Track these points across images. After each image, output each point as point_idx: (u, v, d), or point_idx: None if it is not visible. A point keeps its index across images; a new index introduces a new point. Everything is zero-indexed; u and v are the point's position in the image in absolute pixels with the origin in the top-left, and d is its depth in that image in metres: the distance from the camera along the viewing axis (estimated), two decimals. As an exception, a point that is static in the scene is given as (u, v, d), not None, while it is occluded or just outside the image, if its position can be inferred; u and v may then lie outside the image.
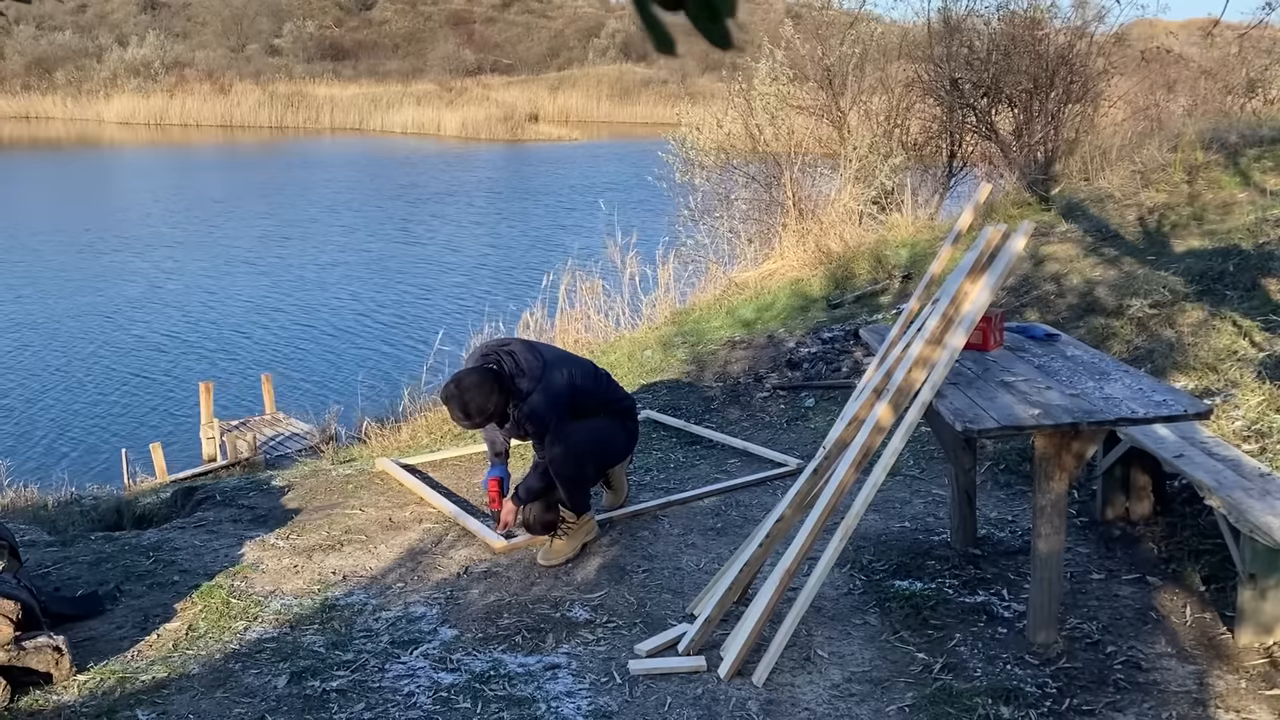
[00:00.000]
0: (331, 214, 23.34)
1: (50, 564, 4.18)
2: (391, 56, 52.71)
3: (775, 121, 10.96)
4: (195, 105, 41.84)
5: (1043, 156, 9.48)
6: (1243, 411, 4.55)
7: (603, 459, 4.27)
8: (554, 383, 3.98)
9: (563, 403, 3.98)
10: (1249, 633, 3.23)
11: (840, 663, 3.26)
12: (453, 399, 3.92)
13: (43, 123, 42.82)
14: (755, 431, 5.76)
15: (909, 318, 3.64)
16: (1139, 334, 5.75)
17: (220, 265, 18.44)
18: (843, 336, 6.92)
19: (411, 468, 5.24)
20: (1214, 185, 7.84)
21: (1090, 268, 6.91)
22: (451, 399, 3.92)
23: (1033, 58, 9.71)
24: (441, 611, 3.72)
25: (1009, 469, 4.75)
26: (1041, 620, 3.27)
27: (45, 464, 10.06)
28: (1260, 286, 5.91)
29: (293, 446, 9.70)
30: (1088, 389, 3.18)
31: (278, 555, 4.24)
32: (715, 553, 4.10)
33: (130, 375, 13.00)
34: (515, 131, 38.33)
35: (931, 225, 9.63)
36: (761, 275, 9.48)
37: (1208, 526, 3.86)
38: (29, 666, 3.19)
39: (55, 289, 16.84)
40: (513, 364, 3.98)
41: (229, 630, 3.62)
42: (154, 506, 5.28)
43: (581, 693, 3.17)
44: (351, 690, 3.21)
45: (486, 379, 3.92)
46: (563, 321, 9.46)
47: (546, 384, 3.95)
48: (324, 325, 15.01)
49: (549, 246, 18.95)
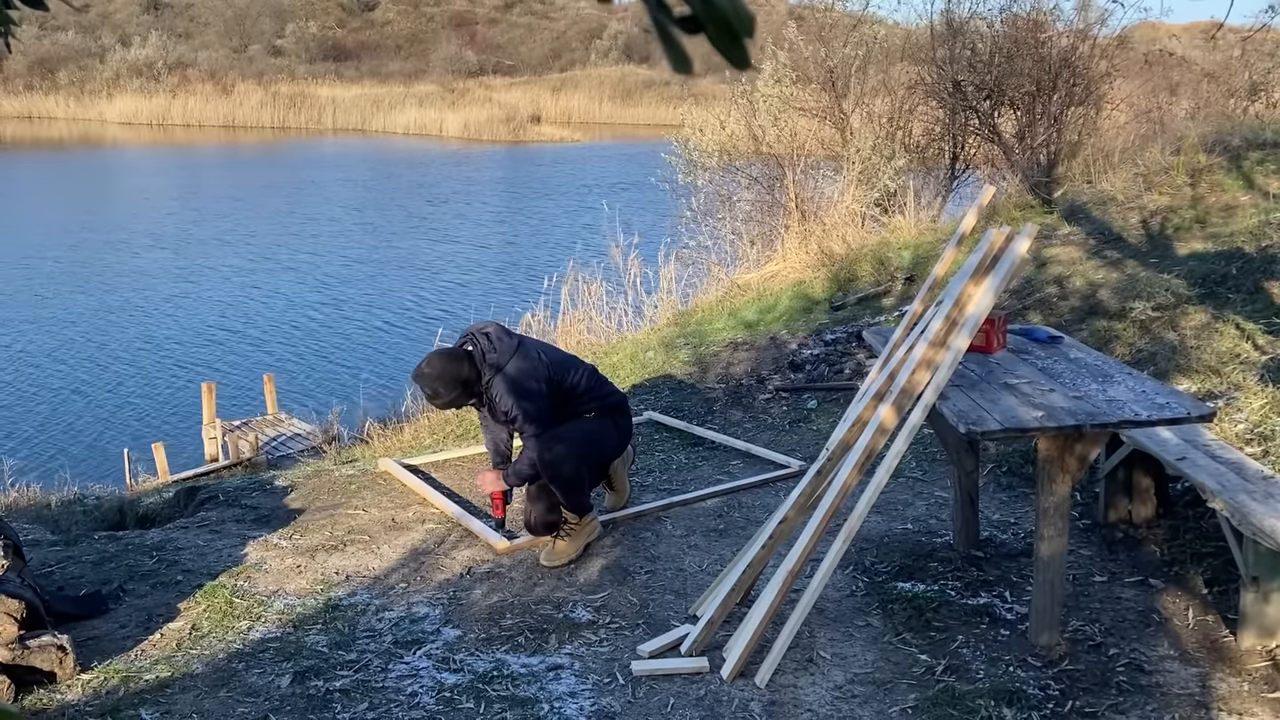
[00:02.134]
0: (333, 215, 23.35)
1: (54, 563, 4.19)
2: (394, 57, 52.77)
3: (778, 123, 10.96)
4: (198, 105, 41.89)
5: (1045, 159, 9.47)
6: (1245, 414, 4.55)
7: (596, 458, 4.22)
8: (524, 361, 3.96)
9: (534, 384, 3.95)
10: (1251, 635, 3.23)
11: (843, 664, 3.26)
12: (422, 378, 3.96)
13: (45, 123, 42.87)
14: (758, 433, 5.77)
15: (912, 320, 3.64)
16: (1142, 337, 5.75)
17: (221, 266, 18.45)
18: (845, 338, 6.92)
19: (414, 468, 5.25)
20: (1217, 188, 7.83)
21: (1093, 270, 6.91)
22: (421, 378, 3.96)
23: (1035, 60, 9.71)
24: (444, 612, 3.72)
25: (1011, 471, 4.76)
26: (1044, 622, 3.27)
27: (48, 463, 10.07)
28: (1263, 290, 5.91)
29: (295, 447, 9.71)
30: (1091, 391, 3.18)
31: (281, 555, 4.25)
32: (718, 554, 4.11)
33: (132, 375, 13.01)
34: (517, 133, 38.35)
35: (934, 227, 9.63)
36: (764, 277, 9.48)
37: (1210, 529, 3.86)
38: (33, 665, 3.20)
39: (56, 288, 16.86)
40: (486, 344, 3.99)
41: (232, 630, 3.62)
42: (157, 506, 5.29)
43: (584, 693, 3.17)
44: (355, 690, 3.22)
45: (456, 358, 3.95)
46: (565, 323, 9.47)
47: (516, 362, 3.95)
48: (326, 326, 15.02)
49: (551, 247, 18.97)
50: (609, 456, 4.34)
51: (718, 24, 0.84)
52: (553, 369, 4.05)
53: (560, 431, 4.01)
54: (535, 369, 3.97)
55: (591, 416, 4.17)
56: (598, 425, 4.17)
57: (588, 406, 4.16)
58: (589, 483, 4.21)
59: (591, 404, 4.17)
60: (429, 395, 4.00)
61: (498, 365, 3.94)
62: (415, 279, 17.63)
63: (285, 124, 41.54)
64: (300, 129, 41.01)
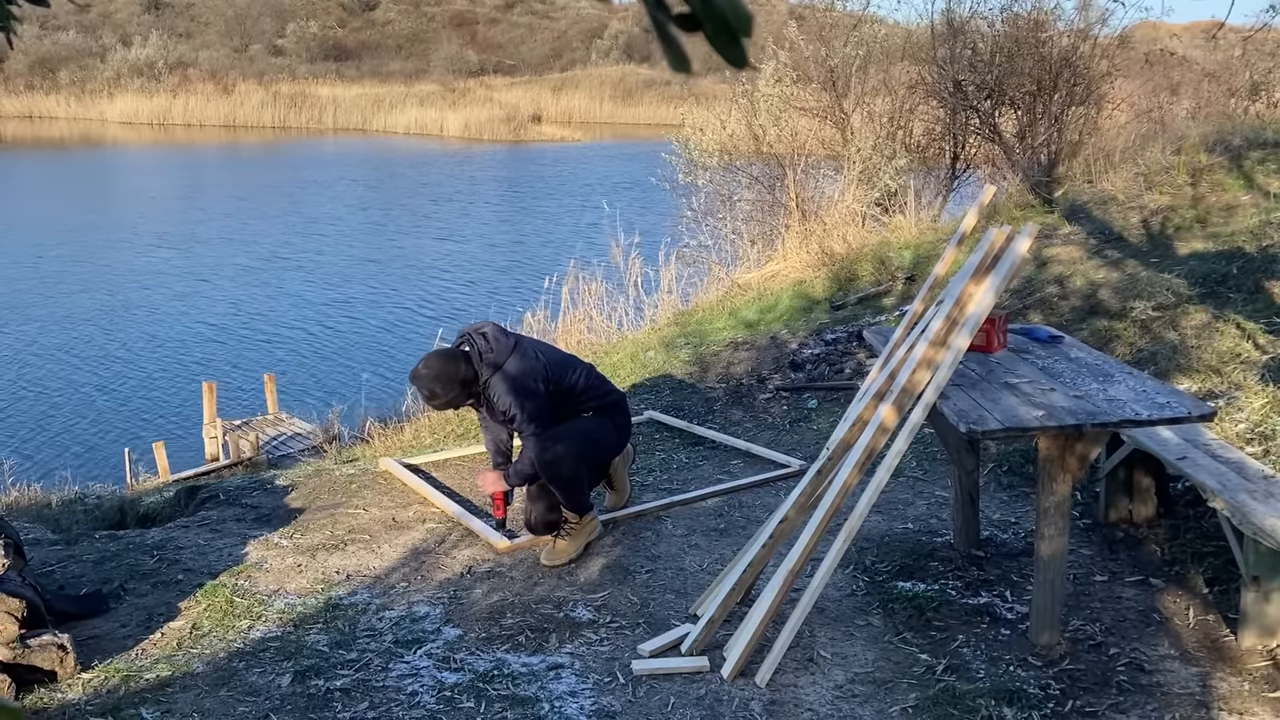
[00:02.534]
0: (334, 215, 23.35)
1: (54, 562, 4.19)
2: (394, 57, 52.78)
3: (779, 123, 10.96)
4: (198, 105, 41.91)
5: (1046, 159, 9.47)
6: (1246, 414, 4.55)
7: (596, 458, 4.22)
8: (522, 360, 3.96)
9: (532, 383, 3.94)
10: (1252, 635, 3.23)
11: (843, 664, 3.26)
12: (420, 379, 3.95)
13: (46, 122, 42.90)
14: (758, 432, 5.77)
15: (913, 319, 3.64)
16: (1142, 336, 5.75)
17: (221, 266, 18.46)
18: (846, 338, 6.92)
19: (415, 467, 5.25)
20: (1217, 188, 7.83)
21: (1094, 270, 6.91)
22: (419, 380, 3.96)
23: (1036, 60, 9.71)
24: (445, 611, 3.72)
25: (1012, 470, 4.76)
26: (1044, 622, 3.27)
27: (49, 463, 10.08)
28: (1264, 289, 5.90)
29: (295, 446, 9.71)
30: (1091, 391, 3.18)
31: (281, 554, 4.25)
32: (718, 553, 4.11)
33: (133, 375, 13.02)
34: (518, 132, 38.36)
35: (935, 227, 9.62)
36: (764, 276, 9.48)
37: (1211, 529, 3.86)
38: (34, 664, 3.20)
39: (57, 288, 16.87)
40: (484, 344, 3.99)
41: (233, 629, 3.63)
42: (157, 505, 5.29)
43: (585, 693, 3.17)
44: (355, 689, 3.22)
45: (453, 358, 3.95)
46: (565, 322, 9.47)
47: (514, 361, 3.95)
48: (326, 325, 15.03)
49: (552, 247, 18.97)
50: (608, 455, 4.33)
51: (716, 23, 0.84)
52: (551, 368, 4.05)
53: (559, 431, 4.00)
54: (533, 368, 3.97)
55: (590, 416, 4.17)
56: (597, 424, 4.17)
57: (586, 406, 4.16)
58: (589, 482, 4.21)
59: (590, 403, 4.17)
60: (426, 396, 4.00)
61: (496, 365, 3.94)
62: (416, 279, 17.64)
63: (286, 124, 41.55)
64: (301, 129, 41.03)
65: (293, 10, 54.37)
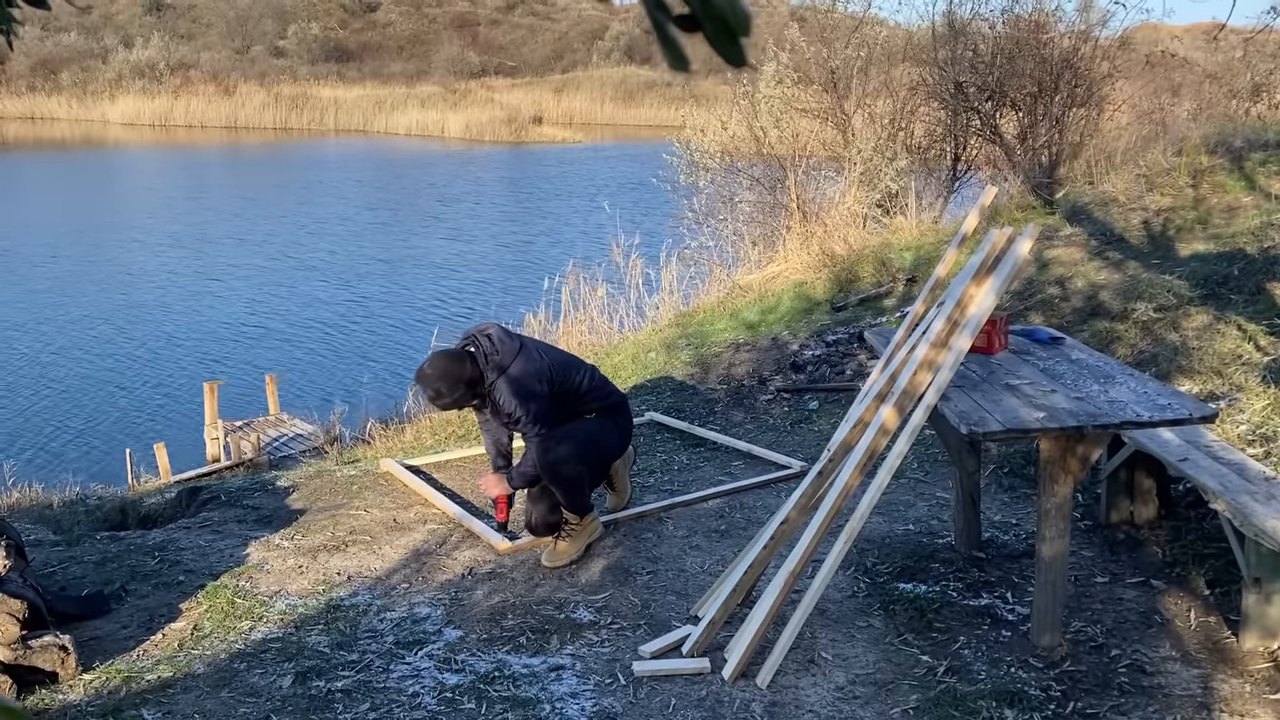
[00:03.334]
0: (335, 216, 23.37)
1: (56, 563, 4.19)
2: (396, 58, 52.81)
3: (780, 124, 10.96)
4: (200, 106, 41.95)
5: (1047, 160, 9.47)
6: (1248, 415, 4.55)
7: (597, 459, 4.22)
8: (527, 362, 3.96)
9: (537, 385, 3.94)
10: (1253, 637, 3.23)
11: (844, 665, 3.26)
12: (425, 379, 3.95)
13: (48, 123, 42.94)
14: (759, 434, 5.77)
15: (914, 321, 3.64)
16: (1144, 338, 5.75)
17: (223, 267, 18.47)
18: (847, 339, 6.92)
19: (416, 469, 5.25)
20: (1219, 189, 7.83)
21: (1095, 271, 6.91)
22: (424, 379, 3.95)
23: (1037, 61, 9.71)
24: (446, 612, 3.72)
25: (1013, 472, 4.75)
26: (1045, 623, 3.27)
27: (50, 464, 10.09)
28: (1265, 290, 5.90)
29: (297, 447, 9.72)
30: (1092, 392, 3.18)
31: (282, 556, 4.25)
32: (719, 555, 4.11)
33: (134, 376, 13.03)
34: (519, 134, 38.38)
35: (936, 228, 9.62)
36: (765, 278, 9.48)
37: (1212, 530, 3.86)
38: (35, 665, 3.20)
39: (58, 288, 16.88)
40: (489, 345, 3.99)
41: (234, 630, 3.63)
42: (159, 506, 5.30)
43: (586, 694, 3.17)
44: (356, 690, 3.22)
45: (459, 359, 3.95)
46: (566, 324, 9.47)
47: (519, 363, 3.95)
48: (327, 327, 15.04)
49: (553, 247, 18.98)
50: (610, 457, 4.34)
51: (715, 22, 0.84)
52: (554, 370, 4.05)
53: (561, 432, 4.01)
54: (538, 370, 3.97)
55: (593, 417, 4.17)
56: (598, 425, 4.17)
57: (589, 407, 4.16)
58: (590, 483, 4.21)
59: (593, 404, 4.17)
60: (431, 396, 4.00)
61: (501, 367, 3.95)
62: (416, 279, 17.65)
63: (287, 125, 41.59)
64: (302, 130, 41.07)
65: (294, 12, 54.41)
